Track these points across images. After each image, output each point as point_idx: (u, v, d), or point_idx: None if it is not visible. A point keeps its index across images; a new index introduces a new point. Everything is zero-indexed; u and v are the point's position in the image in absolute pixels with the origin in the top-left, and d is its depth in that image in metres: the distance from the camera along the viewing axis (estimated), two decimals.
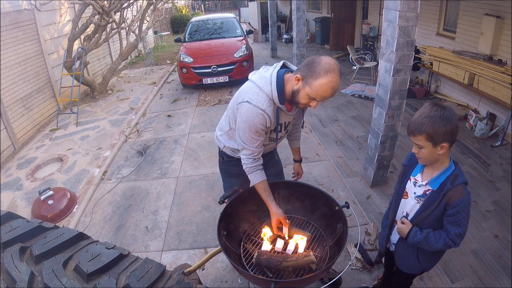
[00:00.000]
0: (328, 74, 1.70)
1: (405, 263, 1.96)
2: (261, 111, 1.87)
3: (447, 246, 1.68)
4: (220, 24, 9.31)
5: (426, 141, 1.57)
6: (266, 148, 2.20)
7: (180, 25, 19.24)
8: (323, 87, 1.72)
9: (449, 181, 1.62)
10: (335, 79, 1.71)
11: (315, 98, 1.78)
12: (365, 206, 3.64)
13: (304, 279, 1.76)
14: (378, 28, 8.79)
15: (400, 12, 2.87)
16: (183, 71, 7.84)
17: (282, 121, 2.05)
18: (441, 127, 1.52)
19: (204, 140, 5.58)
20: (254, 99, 1.88)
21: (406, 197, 1.87)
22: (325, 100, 1.81)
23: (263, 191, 2.05)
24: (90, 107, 7.52)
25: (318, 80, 1.71)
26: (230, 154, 2.34)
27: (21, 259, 1.30)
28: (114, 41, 10.41)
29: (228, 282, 2.88)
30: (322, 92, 1.73)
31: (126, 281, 1.27)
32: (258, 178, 2.05)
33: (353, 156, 4.61)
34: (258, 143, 2.00)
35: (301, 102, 1.83)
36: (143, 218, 3.82)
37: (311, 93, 1.75)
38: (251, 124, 1.90)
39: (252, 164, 2.04)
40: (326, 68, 1.70)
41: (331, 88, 1.72)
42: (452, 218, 1.63)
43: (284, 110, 1.96)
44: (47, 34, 6.94)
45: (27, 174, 4.87)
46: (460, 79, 5.30)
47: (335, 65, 1.72)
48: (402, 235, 1.81)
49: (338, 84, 1.73)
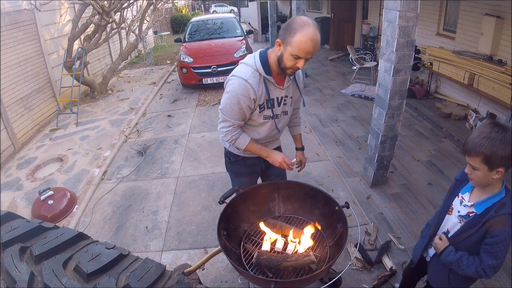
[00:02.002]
0: (303, 27, 1.71)
1: (436, 278, 1.91)
2: (243, 80, 1.90)
3: (478, 274, 1.59)
4: (220, 24, 9.31)
5: (482, 163, 1.46)
6: (268, 132, 2.18)
7: (180, 25, 19.25)
8: (302, 41, 1.72)
9: (494, 209, 1.52)
10: (312, 30, 1.71)
11: (298, 55, 1.77)
12: (365, 206, 3.64)
13: (304, 279, 1.76)
14: (378, 28, 8.79)
15: (400, 12, 2.87)
16: (183, 71, 7.84)
17: (273, 96, 2.04)
18: (500, 150, 1.40)
19: (204, 140, 5.58)
20: (237, 72, 1.97)
21: (450, 213, 1.78)
22: (310, 56, 1.79)
23: (256, 147, 2.14)
24: (90, 107, 7.52)
25: (295, 36, 1.73)
26: (236, 153, 2.32)
27: (21, 259, 1.30)
28: (114, 41, 10.41)
29: (228, 282, 2.88)
30: (303, 46, 1.73)
31: (126, 281, 1.27)
32: (246, 140, 2.10)
33: (353, 156, 4.61)
34: (238, 115, 1.99)
35: (287, 65, 1.84)
36: (143, 218, 3.82)
37: (293, 51, 1.76)
38: (233, 95, 1.92)
39: (233, 132, 2.06)
40: (301, 24, 1.73)
41: (310, 39, 1.71)
42: (489, 247, 1.54)
43: (272, 82, 1.97)
44: (47, 34, 6.94)
45: (27, 174, 4.87)
46: (460, 79, 5.30)
47: (309, 20, 1.76)
48: (437, 250, 1.76)
49: (316, 36, 1.73)
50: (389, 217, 3.43)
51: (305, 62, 1.82)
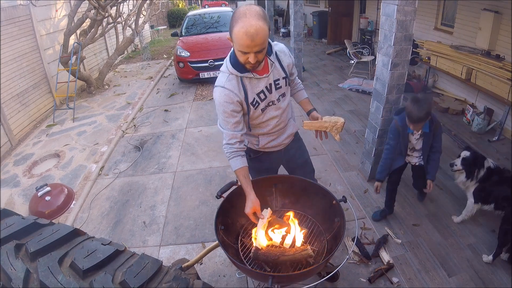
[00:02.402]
0: (238, 20, 1.61)
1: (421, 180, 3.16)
2: (222, 88, 1.89)
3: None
4: (217, 18, 9.24)
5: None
6: (274, 119, 2.11)
7: (177, 19, 19.13)
8: (238, 35, 1.62)
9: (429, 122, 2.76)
10: (246, 23, 1.58)
11: (241, 50, 1.68)
12: (362, 200, 3.65)
13: (302, 273, 1.76)
14: (376, 22, 8.76)
15: (398, 6, 2.85)
16: (180, 66, 7.79)
17: (261, 87, 1.96)
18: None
19: (201, 134, 5.57)
20: (217, 81, 1.95)
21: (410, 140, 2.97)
22: (256, 49, 1.66)
23: (243, 178, 1.98)
24: (87, 102, 7.49)
25: (233, 30, 1.64)
26: (257, 149, 2.28)
27: (17, 256, 1.29)
28: (110, 35, 10.32)
29: (226, 277, 2.88)
30: (240, 41, 1.63)
31: (122, 277, 1.26)
32: (238, 164, 1.98)
33: (350, 150, 4.61)
34: (231, 124, 1.94)
35: (241, 61, 1.77)
36: (141, 213, 3.81)
37: (236, 47, 1.69)
38: (218, 104, 1.92)
39: (231, 149, 1.98)
40: (237, 16, 1.63)
41: (245, 33, 1.59)
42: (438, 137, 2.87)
43: (252, 76, 1.90)
44: (43, 30, 6.88)
45: (24, 170, 4.85)
46: (458, 74, 5.29)
47: (247, 9, 1.63)
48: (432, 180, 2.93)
49: (252, 27, 1.58)
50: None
51: (255, 55, 1.69)
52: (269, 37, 1.74)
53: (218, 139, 5.32)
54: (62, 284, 1.20)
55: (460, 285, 2.63)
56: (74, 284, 1.22)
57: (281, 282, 1.85)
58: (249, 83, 1.93)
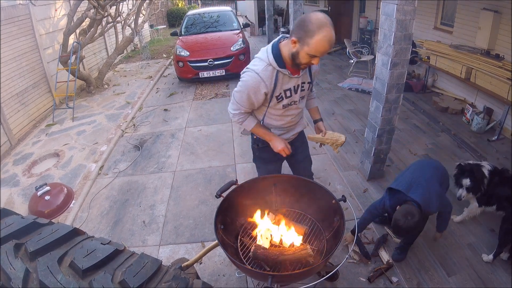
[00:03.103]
0: (321, 29, 1.76)
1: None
2: (256, 74, 2.00)
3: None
4: (217, 17, 9.23)
5: None
6: (290, 118, 2.29)
7: (177, 18, 19.10)
8: (321, 43, 1.79)
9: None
10: (329, 32, 1.77)
11: (315, 55, 1.85)
12: (362, 199, 3.65)
13: (301, 273, 1.77)
14: (376, 22, 8.75)
15: (397, 5, 2.85)
16: (179, 65, 7.79)
17: (290, 86, 2.10)
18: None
19: (201, 134, 5.57)
20: (252, 65, 2.06)
21: None
22: (323, 54, 1.88)
23: (261, 132, 2.26)
24: (86, 102, 7.48)
25: (314, 37, 1.78)
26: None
27: (16, 256, 1.29)
28: (110, 35, 10.31)
29: (225, 276, 2.88)
30: (320, 48, 1.81)
31: (121, 277, 1.26)
32: (252, 123, 2.23)
33: (350, 150, 4.61)
34: (247, 104, 2.12)
35: (302, 62, 1.91)
36: (140, 213, 3.81)
37: (310, 51, 1.83)
38: (245, 86, 2.04)
39: (240, 116, 2.19)
40: (318, 25, 1.76)
41: (328, 41, 1.78)
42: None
43: (287, 74, 2.03)
44: (42, 29, 6.87)
45: (23, 170, 4.85)
46: (457, 73, 5.29)
47: (325, 18, 1.79)
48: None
49: (332, 36, 1.79)
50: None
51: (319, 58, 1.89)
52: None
53: (217, 139, 5.32)
54: (61, 283, 1.20)
55: (459, 284, 2.63)
56: (73, 283, 1.22)
57: (281, 281, 1.85)
58: (282, 78, 2.05)
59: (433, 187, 2.45)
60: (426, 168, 2.64)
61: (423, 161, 2.82)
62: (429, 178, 2.51)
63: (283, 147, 2.22)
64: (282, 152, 2.24)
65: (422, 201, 2.36)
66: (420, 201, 2.36)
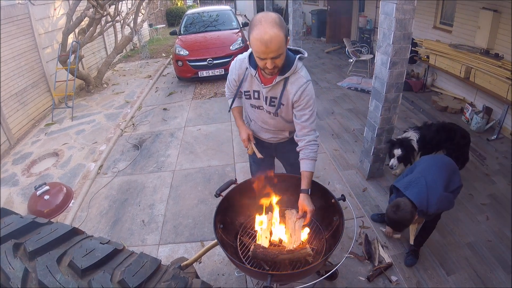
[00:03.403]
0: (254, 28, 1.65)
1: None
2: (236, 60, 2.11)
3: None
4: (216, 16, 9.22)
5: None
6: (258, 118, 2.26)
7: (176, 17, 19.06)
8: (254, 42, 1.67)
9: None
10: (261, 30, 1.61)
11: (258, 56, 1.74)
12: (361, 198, 3.65)
13: (301, 272, 1.77)
14: (375, 21, 8.75)
15: (397, 4, 2.85)
16: (178, 64, 7.78)
17: (256, 88, 2.06)
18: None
19: (200, 133, 5.56)
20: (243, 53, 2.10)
21: None
22: (271, 55, 1.69)
23: (235, 115, 2.37)
24: (85, 101, 7.47)
25: (250, 37, 1.69)
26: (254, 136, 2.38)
27: (15, 255, 1.29)
28: (109, 34, 10.29)
29: (225, 275, 2.89)
30: (255, 47, 1.68)
31: (121, 276, 1.26)
32: (234, 104, 2.32)
33: (349, 149, 4.62)
34: (229, 83, 2.24)
35: (259, 66, 1.84)
36: (140, 212, 3.81)
37: (254, 53, 1.76)
38: (230, 68, 2.18)
39: (228, 91, 2.32)
40: (253, 24, 1.67)
41: (259, 40, 1.63)
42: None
43: (255, 76, 1.99)
44: (41, 28, 6.85)
45: (22, 169, 4.84)
46: (457, 72, 5.30)
47: (263, 16, 1.66)
48: None
49: (266, 35, 1.61)
50: (385, 209, 3.44)
51: (272, 61, 1.72)
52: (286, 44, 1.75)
53: (217, 138, 5.32)
54: (60, 283, 1.20)
55: (458, 283, 2.64)
56: (72, 283, 1.22)
57: (280, 280, 1.86)
58: (249, 78, 2.05)
59: (435, 190, 2.40)
60: (432, 168, 2.57)
61: (430, 160, 2.73)
62: (432, 181, 2.44)
63: (244, 138, 2.27)
64: (243, 142, 2.30)
65: (417, 200, 2.36)
66: (415, 200, 2.36)
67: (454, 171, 2.62)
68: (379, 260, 2.86)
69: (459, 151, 3.51)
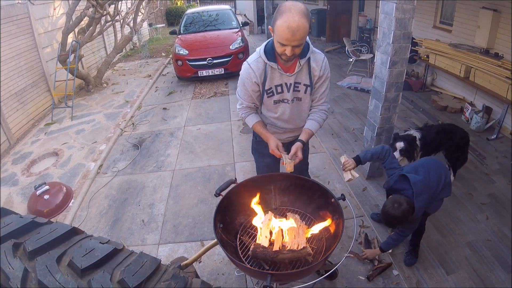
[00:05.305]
0: (283, 14, 1.71)
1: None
2: (247, 65, 2.06)
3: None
4: (216, 16, 9.21)
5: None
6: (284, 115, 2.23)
7: (175, 17, 19.05)
8: (281, 28, 1.73)
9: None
10: (290, 17, 1.69)
11: (280, 42, 1.79)
12: (361, 198, 3.65)
13: (301, 271, 1.77)
14: (375, 21, 8.74)
15: (397, 4, 2.85)
16: (178, 64, 7.78)
17: (280, 82, 2.08)
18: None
19: (200, 133, 5.56)
20: (249, 57, 2.11)
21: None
22: (294, 43, 1.77)
23: (260, 129, 2.24)
24: (85, 101, 7.46)
25: (277, 22, 1.75)
26: None
27: (15, 255, 1.29)
28: (109, 34, 10.28)
29: (225, 275, 2.89)
30: (281, 33, 1.74)
31: (120, 276, 1.26)
32: (254, 120, 2.25)
33: (349, 148, 4.62)
34: (246, 96, 2.17)
35: (278, 52, 1.88)
36: (140, 212, 3.81)
37: (276, 38, 1.80)
38: (241, 77, 2.12)
39: (245, 110, 2.24)
40: (283, 9, 1.73)
41: (287, 27, 1.70)
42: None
43: (276, 68, 2.02)
44: (41, 28, 6.85)
45: (22, 169, 4.84)
46: (457, 72, 5.30)
47: (294, 5, 1.73)
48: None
49: (295, 23, 1.70)
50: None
51: (292, 49, 1.80)
52: (307, 35, 1.82)
53: (216, 137, 5.32)
54: (60, 283, 1.20)
55: (458, 283, 2.64)
56: (72, 283, 1.22)
57: (280, 280, 1.86)
58: (271, 73, 2.05)
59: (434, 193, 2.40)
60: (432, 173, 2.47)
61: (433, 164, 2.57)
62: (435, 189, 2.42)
63: (272, 148, 2.16)
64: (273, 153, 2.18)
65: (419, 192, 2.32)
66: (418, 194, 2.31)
67: (449, 183, 2.55)
68: (378, 260, 2.86)
69: (458, 152, 3.53)
